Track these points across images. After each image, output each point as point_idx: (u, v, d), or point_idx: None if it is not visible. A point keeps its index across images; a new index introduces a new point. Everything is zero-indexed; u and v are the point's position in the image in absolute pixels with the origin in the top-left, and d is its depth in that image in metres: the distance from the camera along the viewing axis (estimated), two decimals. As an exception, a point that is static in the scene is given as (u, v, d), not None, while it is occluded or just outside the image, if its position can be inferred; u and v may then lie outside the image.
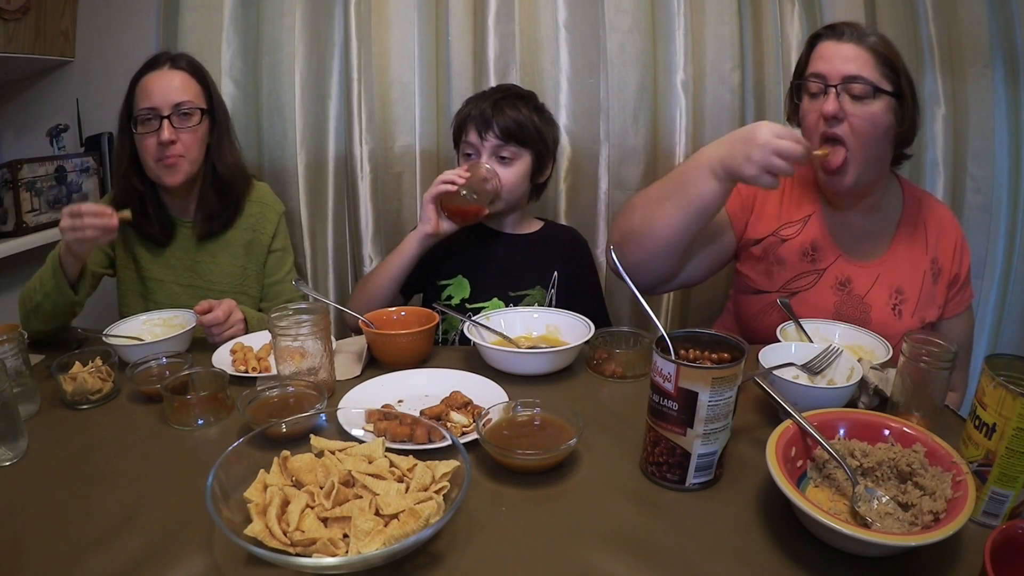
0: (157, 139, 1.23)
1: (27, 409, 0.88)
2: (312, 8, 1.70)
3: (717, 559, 0.61)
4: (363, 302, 1.29)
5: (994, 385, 0.62)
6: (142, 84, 1.26)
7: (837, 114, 1.04)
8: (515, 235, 1.41)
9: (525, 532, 0.65)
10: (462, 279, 1.35)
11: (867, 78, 1.03)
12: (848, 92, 1.04)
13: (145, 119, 1.24)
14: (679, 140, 1.72)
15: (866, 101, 1.04)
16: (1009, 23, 1.60)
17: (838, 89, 1.04)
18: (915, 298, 1.15)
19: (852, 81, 1.03)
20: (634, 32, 1.68)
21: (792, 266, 1.17)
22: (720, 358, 0.72)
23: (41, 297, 1.13)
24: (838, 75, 1.04)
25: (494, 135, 1.29)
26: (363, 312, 1.15)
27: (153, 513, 0.68)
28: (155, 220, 1.32)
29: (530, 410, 0.81)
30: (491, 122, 1.29)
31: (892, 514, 0.63)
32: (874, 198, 1.18)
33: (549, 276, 1.37)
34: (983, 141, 1.69)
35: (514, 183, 1.32)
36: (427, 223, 1.26)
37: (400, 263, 1.28)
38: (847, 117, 1.04)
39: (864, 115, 1.04)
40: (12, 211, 1.59)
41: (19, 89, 1.91)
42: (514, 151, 1.31)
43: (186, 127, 1.26)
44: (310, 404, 0.85)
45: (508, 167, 1.31)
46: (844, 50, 1.05)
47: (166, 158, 1.25)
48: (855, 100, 1.04)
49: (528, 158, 1.33)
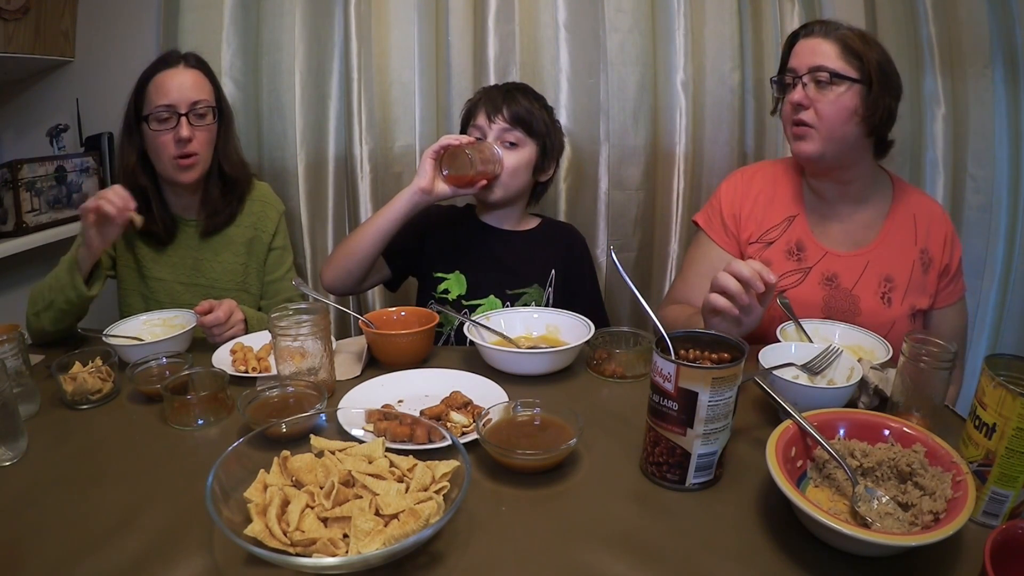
0: (175, 136, 1.24)
1: (27, 409, 0.88)
2: (312, 8, 1.69)
3: (717, 559, 0.61)
4: (342, 256, 1.28)
5: (994, 385, 0.62)
6: (156, 81, 1.26)
7: (802, 102, 1.11)
8: (513, 232, 1.40)
9: (525, 532, 0.65)
10: (459, 275, 1.35)
11: (829, 67, 1.09)
12: (814, 80, 1.10)
13: (161, 117, 1.24)
14: (679, 140, 1.72)
15: (831, 87, 1.10)
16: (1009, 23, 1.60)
17: (804, 80, 1.11)
18: (904, 285, 1.17)
19: (816, 71, 1.10)
20: (634, 32, 1.68)
21: (778, 266, 1.20)
22: (720, 358, 0.72)
23: (54, 295, 1.13)
24: (804, 67, 1.11)
25: (503, 118, 1.29)
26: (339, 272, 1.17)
27: (153, 513, 0.68)
28: (158, 218, 1.32)
29: (530, 410, 0.81)
30: (501, 107, 1.30)
31: (892, 514, 0.63)
32: (857, 187, 1.19)
33: (547, 274, 1.37)
34: (983, 141, 1.69)
35: (515, 168, 1.31)
36: (423, 177, 1.22)
37: (387, 219, 1.25)
38: (812, 104, 1.10)
39: (828, 100, 1.10)
40: (12, 211, 1.58)
41: (19, 89, 1.91)
42: (520, 137, 1.31)
43: (202, 125, 1.28)
44: (310, 404, 0.85)
45: (512, 152, 1.30)
46: (811, 44, 1.12)
47: (184, 156, 1.26)
48: (819, 86, 1.10)
49: (533, 149, 1.33)
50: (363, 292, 1.58)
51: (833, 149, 1.13)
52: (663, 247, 1.83)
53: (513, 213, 1.40)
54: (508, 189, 1.32)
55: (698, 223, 1.32)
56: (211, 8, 1.69)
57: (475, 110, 1.34)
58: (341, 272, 1.29)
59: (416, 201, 1.23)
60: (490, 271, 1.35)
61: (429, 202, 1.24)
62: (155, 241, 1.35)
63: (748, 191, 1.26)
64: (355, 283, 1.32)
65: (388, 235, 1.26)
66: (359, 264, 1.26)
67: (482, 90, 1.39)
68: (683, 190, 1.76)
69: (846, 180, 1.18)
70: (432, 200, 1.24)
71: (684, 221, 1.80)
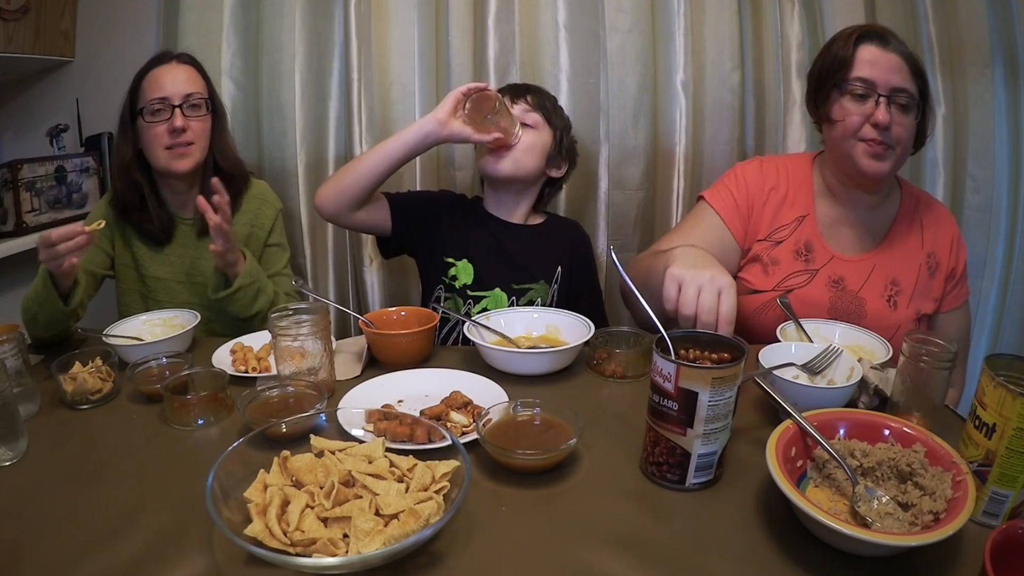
0: (169, 127, 1.26)
1: (27, 409, 0.88)
2: (312, 8, 1.70)
3: (717, 559, 0.61)
4: (343, 173, 1.26)
5: (994, 385, 0.62)
6: (150, 77, 1.29)
7: (889, 124, 1.08)
8: (521, 226, 1.40)
9: (525, 532, 0.65)
10: (467, 264, 1.35)
11: (910, 91, 1.08)
12: (895, 103, 1.08)
13: (155, 109, 1.27)
14: (679, 140, 1.72)
15: (908, 112, 1.09)
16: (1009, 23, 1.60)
17: (889, 99, 1.08)
18: (910, 289, 1.17)
19: (899, 93, 1.08)
20: (634, 32, 1.68)
21: (786, 265, 1.19)
22: (720, 358, 0.72)
23: (36, 307, 1.12)
24: (887, 85, 1.08)
25: (526, 102, 1.33)
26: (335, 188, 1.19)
27: (153, 513, 0.68)
28: (155, 217, 1.33)
29: (530, 410, 0.81)
30: (526, 93, 1.34)
31: (892, 514, 0.63)
32: (877, 196, 1.20)
33: (553, 271, 1.37)
34: (983, 141, 1.69)
35: (530, 146, 1.31)
36: (441, 110, 1.20)
37: (395, 143, 1.22)
38: (892, 125, 1.08)
39: (907, 125, 1.10)
40: (12, 211, 1.59)
41: (19, 89, 1.91)
42: (538, 121, 1.33)
43: (195, 116, 1.30)
44: (310, 404, 0.84)
45: (529, 131, 1.32)
46: (891, 60, 1.08)
47: (178, 145, 1.27)
48: (900, 110, 1.09)
49: (548, 137, 1.35)
50: (355, 228, 1.51)
51: (897, 170, 1.15)
52: (663, 247, 1.83)
53: (521, 206, 1.40)
54: (519, 165, 1.31)
55: (705, 198, 1.27)
56: (211, 8, 1.69)
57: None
58: (336, 189, 1.25)
59: (428, 131, 1.21)
60: (498, 264, 1.35)
61: (439, 137, 1.22)
62: (152, 240, 1.36)
63: (766, 183, 1.24)
64: (348, 205, 1.26)
65: (395, 163, 1.23)
66: (357, 183, 1.23)
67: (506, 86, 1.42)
68: (683, 190, 1.76)
69: (875, 190, 1.19)
70: (443, 136, 1.21)
71: (684, 221, 1.80)
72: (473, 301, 1.33)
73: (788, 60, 1.71)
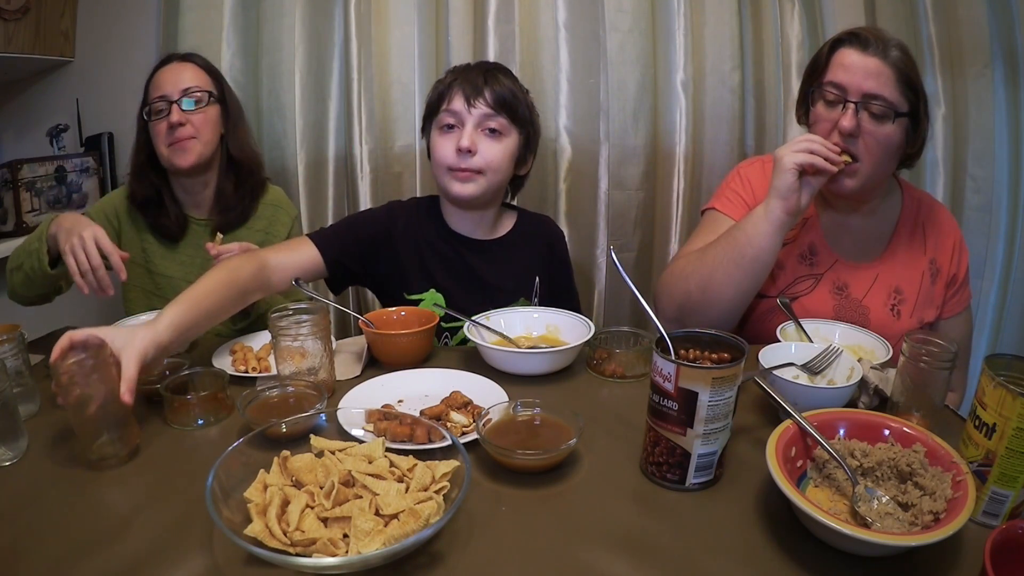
0: (168, 123, 1.27)
1: (27, 409, 0.88)
2: (312, 8, 1.70)
3: (717, 559, 0.61)
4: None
5: (994, 385, 0.62)
6: (154, 78, 1.31)
7: (854, 132, 1.01)
8: (488, 241, 1.24)
9: (525, 532, 0.65)
10: (435, 293, 1.20)
11: (887, 99, 1.00)
12: (867, 110, 1.01)
13: (157, 108, 1.28)
14: (679, 140, 1.73)
15: (883, 121, 1.01)
16: (1009, 23, 1.60)
17: (857, 105, 1.00)
18: (914, 298, 1.15)
19: (872, 100, 1.00)
20: (634, 32, 1.68)
21: (791, 269, 1.18)
22: (720, 358, 0.72)
23: (24, 257, 1.15)
24: (858, 90, 1.00)
25: (484, 103, 1.11)
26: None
27: (153, 513, 0.68)
28: (171, 214, 1.35)
29: (530, 410, 0.81)
30: (482, 88, 1.11)
31: (892, 514, 0.63)
32: (874, 202, 1.18)
33: (531, 284, 1.26)
34: (983, 141, 1.69)
35: (500, 161, 1.15)
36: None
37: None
38: (862, 134, 1.02)
39: (879, 135, 1.01)
40: (12, 211, 1.59)
41: (19, 89, 1.91)
42: (504, 125, 1.14)
43: (195, 110, 1.31)
44: (310, 404, 0.84)
45: (496, 142, 1.14)
46: (867, 64, 1.00)
47: (176, 140, 1.28)
48: (872, 118, 1.01)
49: (516, 139, 1.17)
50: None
51: (869, 185, 1.07)
52: (663, 247, 1.83)
53: (487, 217, 1.24)
54: (491, 184, 1.16)
55: (716, 208, 1.22)
56: (211, 8, 1.70)
57: (449, 92, 1.14)
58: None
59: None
60: (471, 289, 1.21)
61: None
62: (167, 236, 1.37)
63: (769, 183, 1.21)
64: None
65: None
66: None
67: (454, 69, 1.18)
68: (683, 190, 1.76)
69: (863, 200, 1.16)
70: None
71: (684, 221, 1.80)
72: (449, 333, 1.21)
73: (788, 60, 1.71)
